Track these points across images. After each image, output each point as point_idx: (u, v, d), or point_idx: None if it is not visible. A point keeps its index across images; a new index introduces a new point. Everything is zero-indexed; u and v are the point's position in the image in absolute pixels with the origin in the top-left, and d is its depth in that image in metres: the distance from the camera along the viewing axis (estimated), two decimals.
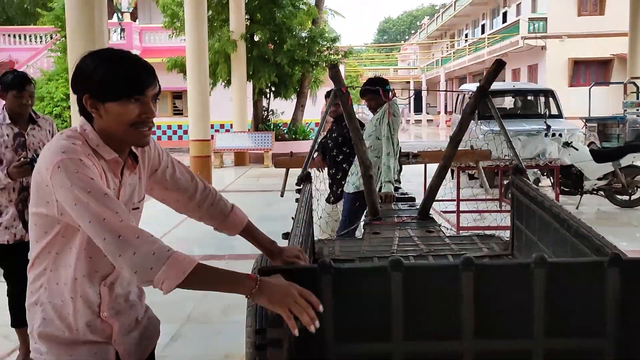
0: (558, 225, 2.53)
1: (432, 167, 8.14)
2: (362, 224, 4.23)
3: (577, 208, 8.75)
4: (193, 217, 2.02)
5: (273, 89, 17.88)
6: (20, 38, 23.35)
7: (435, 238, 3.56)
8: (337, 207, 5.33)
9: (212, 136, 16.76)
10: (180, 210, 1.98)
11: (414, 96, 45.74)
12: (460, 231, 3.89)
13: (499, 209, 8.98)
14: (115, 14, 25.59)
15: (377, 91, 4.62)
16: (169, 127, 23.83)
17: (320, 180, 5.27)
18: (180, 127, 23.33)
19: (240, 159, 16.44)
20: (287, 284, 1.58)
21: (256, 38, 16.84)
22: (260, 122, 17.92)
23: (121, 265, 1.49)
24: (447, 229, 3.96)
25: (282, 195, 5.37)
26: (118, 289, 1.73)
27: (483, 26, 36.35)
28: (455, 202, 7.24)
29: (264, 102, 18.22)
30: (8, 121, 3.57)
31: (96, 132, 1.62)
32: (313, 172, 5.40)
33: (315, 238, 3.67)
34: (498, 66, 3.60)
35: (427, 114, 49.91)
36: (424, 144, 19.49)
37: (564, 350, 1.84)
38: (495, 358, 1.86)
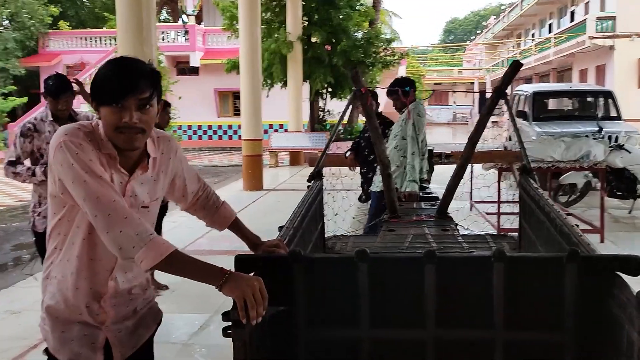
0: (549, 224, 2.57)
1: (477, 168, 8.17)
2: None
3: (630, 212, 8.50)
4: (188, 211, 2.18)
5: (329, 89, 18.06)
6: (91, 40, 24.46)
7: (449, 237, 3.62)
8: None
9: (270, 135, 17.13)
10: (183, 202, 2.12)
11: (478, 97, 44.93)
12: (480, 231, 3.92)
13: None
14: (180, 17, 26.43)
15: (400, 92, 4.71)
16: (230, 127, 24.38)
17: (350, 178, 5.39)
18: (240, 127, 23.82)
19: (296, 158, 16.71)
20: (253, 278, 1.67)
21: (313, 39, 17.07)
22: (316, 122, 18.16)
23: (108, 241, 1.64)
24: (465, 228, 3.99)
25: None
26: (124, 284, 1.86)
27: (550, 25, 35.36)
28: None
29: (320, 103, 18.43)
30: (50, 119, 3.88)
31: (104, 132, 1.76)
32: (338, 170, 5.54)
33: (331, 234, 3.80)
34: (515, 68, 3.63)
35: (492, 115, 48.83)
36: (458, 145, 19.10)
37: (525, 342, 1.91)
38: (457, 347, 1.94)
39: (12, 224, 9.39)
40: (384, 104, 6.90)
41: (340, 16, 16.47)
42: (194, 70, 24.32)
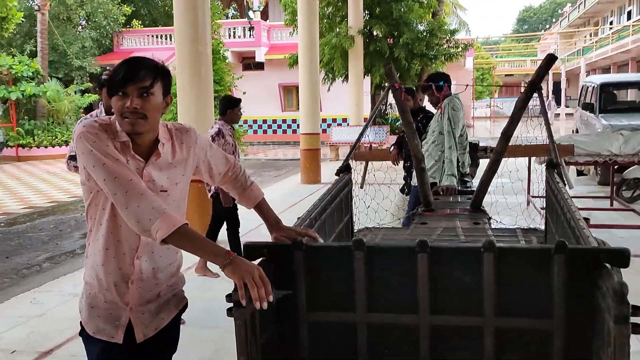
0: (564, 218, 2.60)
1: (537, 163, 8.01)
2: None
3: None
4: (220, 185, 2.36)
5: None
6: (162, 38, 25.34)
7: (479, 230, 3.66)
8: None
9: (331, 129, 17.29)
10: (212, 181, 2.31)
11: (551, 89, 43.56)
12: (528, 225, 3.90)
13: (610, 207, 8.62)
14: (246, 13, 26.95)
15: (433, 87, 4.75)
16: (294, 121, 24.72)
17: (385, 172, 5.48)
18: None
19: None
20: (254, 266, 1.83)
21: (374, 33, 17.10)
22: (378, 116, 18.18)
23: (127, 216, 1.83)
24: (497, 221, 4.01)
25: (361, 187, 5.63)
26: (146, 264, 2.04)
27: (629, 13, 33.86)
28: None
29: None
30: (105, 115, 4.17)
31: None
32: (384, 164, 5.62)
33: (362, 226, 3.91)
34: (549, 60, 3.62)
35: (567, 107, 47.25)
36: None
37: (514, 329, 1.98)
38: (449, 332, 2.03)
39: (83, 214, 9.94)
40: None
41: (402, 9, 16.40)
42: (260, 66, 24.79)
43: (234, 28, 24.96)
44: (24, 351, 3.95)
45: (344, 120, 21.26)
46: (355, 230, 3.82)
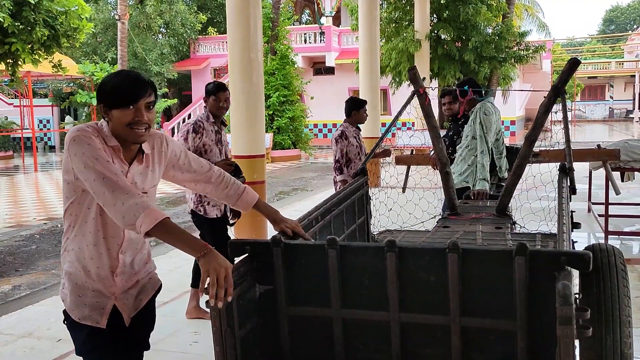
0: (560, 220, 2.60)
1: (599, 172, 7.76)
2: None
3: None
4: (213, 197, 2.54)
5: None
6: None
7: (499, 234, 3.65)
8: None
9: (394, 134, 17.27)
10: (201, 191, 2.51)
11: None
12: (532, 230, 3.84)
13: None
14: (317, 19, 27.29)
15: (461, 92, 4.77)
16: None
17: (428, 175, 5.48)
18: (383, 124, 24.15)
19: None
20: (226, 263, 1.95)
21: (442, 36, 16.96)
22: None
23: (114, 213, 2.01)
24: (521, 226, 3.97)
25: (403, 192, 5.67)
26: (128, 257, 2.25)
27: None
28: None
29: None
30: (212, 120, 4.56)
31: (110, 130, 2.14)
32: (425, 169, 5.63)
33: (382, 228, 3.98)
34: (572, 65, 3.58)
35: None
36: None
37: (480, 328, 2.03)
38: (418, 330, 2.10)
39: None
40: None
41: (469, 12, 16.19)
42: (330, 70, 25.05)
43: (305, 33, 25.33)
44: (68, 340, 4.23)
45: (413, 124, 21.15)
46: (376, 232, 3.90)
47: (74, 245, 2.21)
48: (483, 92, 4.94)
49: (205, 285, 1.91)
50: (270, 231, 2.33)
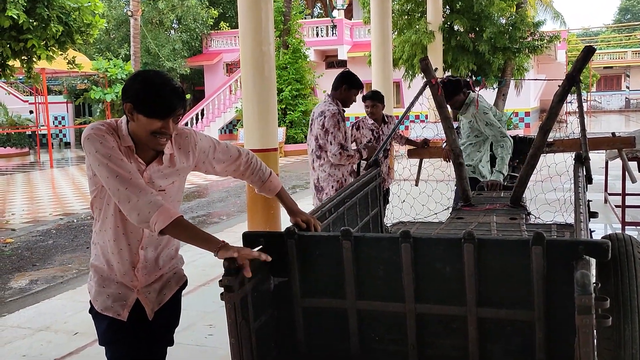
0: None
1: (615, 163, 7.66)
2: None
3: None
4: (243, 180, 2.56)
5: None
6: None
7: (513, 225, 3.62)
8: None
9: (408, 126, 17.21)
10: (232, 176, 2.52)
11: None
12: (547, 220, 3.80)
13: None
14: (329, 12, 27.20)
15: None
16: None
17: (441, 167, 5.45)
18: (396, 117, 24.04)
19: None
20: (242, 247, 2.02)
21: (455, 28, 16.83)
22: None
23: (128, 210, 2.02)
24: (535, 217, 3.94)
25: (416, 185, 5.64)
26: (150, 253, 2.25)
27: None
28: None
29: None
30: (371, 121, 5.10)
31: (128, 128, 2.12)
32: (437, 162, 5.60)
33: (396, 220, 3.96)
34: (587, 53, 3.53)
35: None
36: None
37: (496, 319, 2.01)
38: (433, 321, 2.08)
39: None
40: None
41: (483, 2, 16.05)
42: (342, 64, 24.96)
43: (317, 27, 25.27)
44: (85, 333, 4.28)
45: (427, 117, 21.04)
46: (390, 224, 3.88)
47: (99, 239, 2.24)
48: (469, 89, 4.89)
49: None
50: (285, 224, 2.33)
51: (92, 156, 2.06)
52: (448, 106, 5.44)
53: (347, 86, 4.54)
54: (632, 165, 6.79)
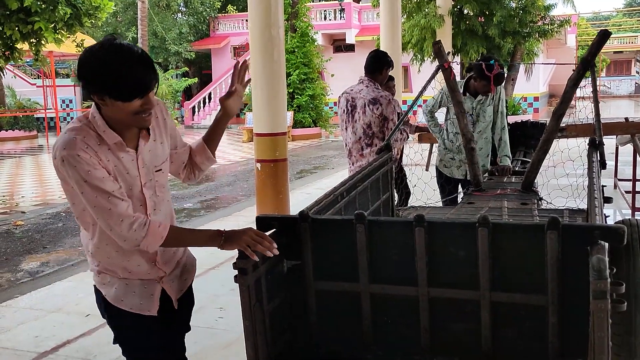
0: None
1: (625, 149, 7.61)
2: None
3: None
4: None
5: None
6: None
7: (525, 210, 3.61)
8: None
9: (415, 112, 17.12)
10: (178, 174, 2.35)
11: None
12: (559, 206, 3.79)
13: None
14: None
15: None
16: None
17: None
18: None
19: None
20: (247, 228, 2.00)
21: (465, 11, 16.69)
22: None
23: (116, 238, 1.95)
24: (547, 202, 3.92)
25: (427, 169, 5.64)
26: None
27: None
28: None
29: None
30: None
31: (103, 119, 1.92)
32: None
33: (408, 204, 3.96)
34: (602, 37, 3.50)
35: None
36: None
37: (510, 304, 2.01)
38: (447, 305, 2.09)
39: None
40: None
41: None
42: (350, 48, 24.84)
43: (325, 10, 25.12)
44: (97, 315, 4.28)
45: (424, 101, 20.98)
46: (401, 209, 3.88)
47: (101, 257, 2.12)
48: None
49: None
50: (294, 209, 2.32)
51: (70, 181, 1.92)
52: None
53: (387, 67, 4.64)
54: None
